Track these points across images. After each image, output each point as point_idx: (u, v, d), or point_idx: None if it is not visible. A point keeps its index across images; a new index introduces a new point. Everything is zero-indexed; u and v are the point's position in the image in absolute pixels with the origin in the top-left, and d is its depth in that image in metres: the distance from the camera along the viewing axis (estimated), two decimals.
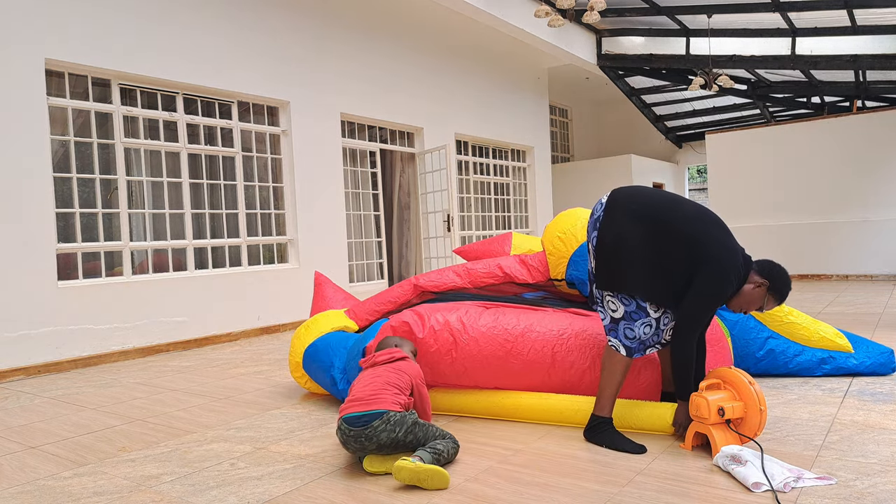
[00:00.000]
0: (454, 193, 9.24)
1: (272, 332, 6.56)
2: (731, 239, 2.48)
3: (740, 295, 2.49)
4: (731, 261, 2.41)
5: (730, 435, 2.36)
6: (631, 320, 2.52)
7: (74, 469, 2.59)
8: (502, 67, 10.41)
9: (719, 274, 2.39)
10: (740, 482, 2.10)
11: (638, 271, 2.47)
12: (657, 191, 2.61)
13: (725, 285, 2.40)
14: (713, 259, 2.40)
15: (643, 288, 2.47)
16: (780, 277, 2.45)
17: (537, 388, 3.01)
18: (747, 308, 2.50)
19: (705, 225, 2.46)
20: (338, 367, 3.24)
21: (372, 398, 2.36)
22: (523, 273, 3.38)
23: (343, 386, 3.23)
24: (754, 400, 2.34)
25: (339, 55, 7.47)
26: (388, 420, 2.28)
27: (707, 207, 2.60)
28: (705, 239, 2.43)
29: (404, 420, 2.32)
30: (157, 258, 5.97)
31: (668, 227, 2.46)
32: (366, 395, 2.38)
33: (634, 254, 2.48)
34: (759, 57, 9.86)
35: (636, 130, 15.89)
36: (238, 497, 2.20)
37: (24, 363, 4.77)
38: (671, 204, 2.52)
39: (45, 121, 4.94)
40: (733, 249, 2.44)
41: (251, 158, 6.74)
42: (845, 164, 9.45)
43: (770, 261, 2.49)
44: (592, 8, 7.56)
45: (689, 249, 2.43)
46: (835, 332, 3.57)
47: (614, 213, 2.54)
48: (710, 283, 2.39)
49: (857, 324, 5.20)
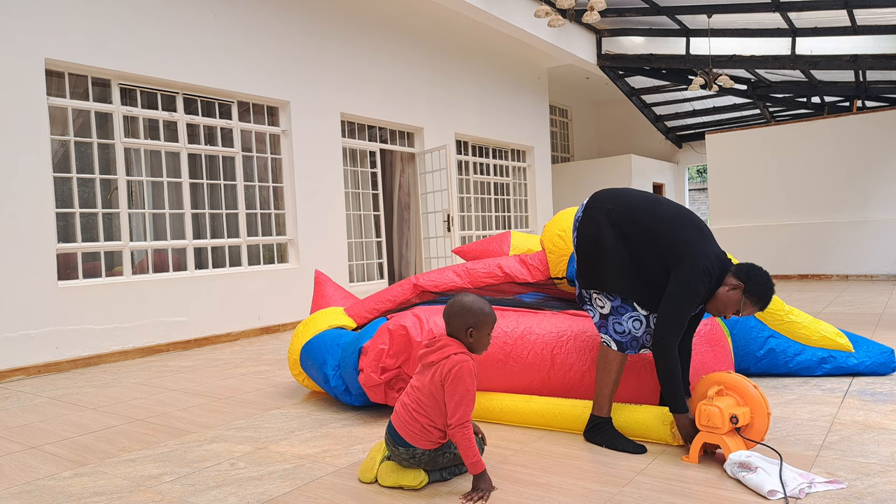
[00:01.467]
0: (454, 193, 9.24)
1: (272, 332, 6.55)
2: (705, 241, 2.44)
3: (715, 298, 2.43)
4: (700, 262, 2.37)
5: (742, 443, 2.28)
6: (618, 314, 2.53)
7: (74, 469, 2.59)
8: (502, 67, 10.41)
9: (687, 275, 2.36)
10: (753, 490, 2.05)
11: (616, 271, 2.49)
12: (637, 192, 2.61)
13: (695, 287, 2.35)
14: (682, 260, 2.38)
15: (621, 288, 2.48)
16: (758, 280, 2.36)
17: (537, 390, 3.01)
18: (724, 311, 2.43)
19: (677, 227, 2.44)
20: (330, 364, 3.23)
21: (409, 424, 2.17)
22: (523, 272, 3.38)
23: (335, 383, 3.21)
24: (761, 404, 2.28)
25: (339, 55, 7.47)
26: (413, 455, 2.18)
27: (688, 210, 2.54)
28: (676, 241, 2.41)
29: (432, 457, 2.20)
30: (156, 258, 5.97)
31: (643, 229, 2.47)
32: (406, 416, 2.18)
33: (611, 254, 2.50)
34: (759, 57, 9.86)
35: (636, 130, 15.89)
36: (238, 497, 2.20)
37: (24, 363, 4.77)
38: (647, 206, 2.52)
39: (45, 121, 4.94)
40: (704, 251, 2.39)
41: (251, 158, 6.74)
42: (845, 164, 9.45)
43: (750, 264, 2.41)
44: (592, 8, 7.56)
45: (661, 251, 2.43)
46: (835, 332, 3.57)
47: (592, 213, 2.59)
48: (679, 285, 2.36)
49: (858, 323, 5.20)
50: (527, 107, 10.98)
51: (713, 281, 2.40)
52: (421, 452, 2.18)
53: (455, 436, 2.08)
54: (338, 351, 3.25)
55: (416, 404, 2.17)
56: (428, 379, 2.16)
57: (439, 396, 2.13)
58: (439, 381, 2.13)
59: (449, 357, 2.13)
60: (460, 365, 2.10)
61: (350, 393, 3.22)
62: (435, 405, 2.14)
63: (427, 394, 2.15)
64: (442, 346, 2.17)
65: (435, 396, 2.14)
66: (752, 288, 2.36)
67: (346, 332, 3.40)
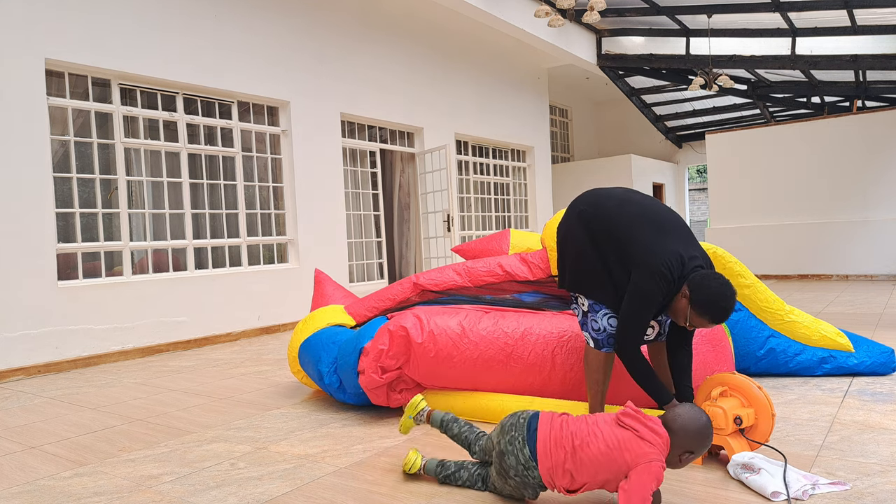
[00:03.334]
0: (454, 193, 9.24)
1: (272, 332, 6.55)
2: (663, 240, 2.32)
3: (673, 305, 2.30)
4: (649, 264, 2.26)
5: (746, 444, 2.28)
6: (594, 312, 2.52)
7: (74, 469, 2.59)
8: (502, 67, 10.41)
9: (638, 278, 2.29)
10: (756, 491, 2.04)
11: (585, 272, 2.49)
12: (616, 192, 2.56)
13: (647, 289, 2.25)
14: (637, 263, 2.31)
15: (592, 290, 2.48)
16: (704, 291, 2.16)
17: (538, 390, 3.01)
18: (678, 319, 2.29)
19: (634, 227, 2.38)
20: (325, 361, 3.23)
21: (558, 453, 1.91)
22: (524, 270, 3.37)
23: (329, 380, 3.20)
24: (765, 405, 2.26)
25: (339, 55, 7.47)
26: (520, 469, 1.97)
27: (658, 207, 2.46)
28: (631, 242, 2.35)
29: (516, 484, 2.01)
30: (156, 258, 5.97)
31: (606, 230, 2.44)
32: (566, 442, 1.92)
33: (578, 255, 2.51)
34: (759, 57, 9.86)
35: (636, 130, 15.89)
36: (238, 497, 2.20)
37: (24, 363, 4.77)
38: (615, 206, 2.48)
39: (45, 121, 4.94)
40: (657, 252, 2.28)
41: (251, 158, 6.74)
42: (845, 164, 9.45)
43: (706, 273, 2.22)
44: (592, 8, 7.56)
45: (620, 252, 2.39)
46: (835, 332, 3.57)
47: (568, 213, 2.61)
48: (632, 287, 2.31)
49: (858, 323, 5.20)
50: (527, 107, 10.98)
51: (674, 282, 2.27)
52: (533, 476, 1.94)
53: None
54: (334, 348, 3.24)
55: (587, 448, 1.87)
56: (619, 440, 1.86)
57: (607, 463, 1.84)
58: (628, 450, 1.83)
59: (654, 451, 1.83)
60: (658, 467, 1.81)
61: (345, 391, 3.21)
62: (598, 462, 1.85)
63: (605, 449, 1.85)
64: (655, 431, 1.86)
65: (610, 457, 1.84)
66: (698, 299, 2.18)
67: (343, 330, 3.40)
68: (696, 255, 2.33)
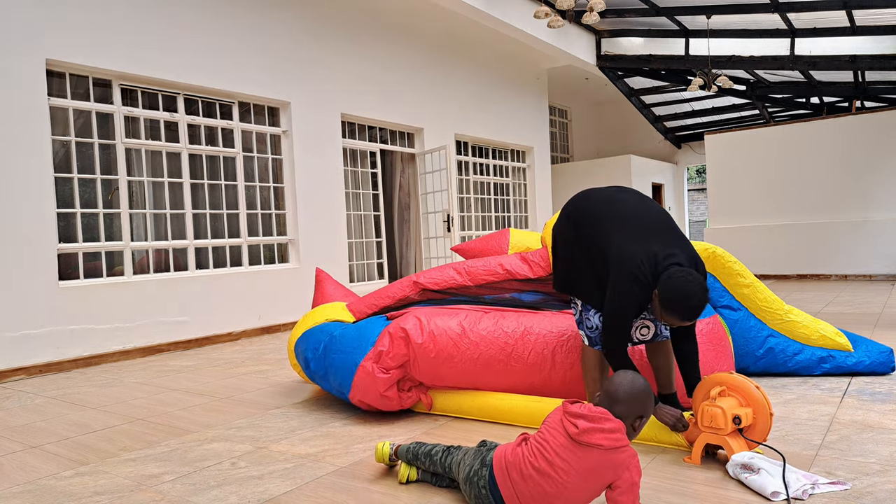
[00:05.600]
0: (454, 193, 9.24)
1: (273, 331, 6.56)
2: (637, 239, 2.31)
3: (652, 303, 2.30)
4: (625, 266, 2.26)
5: (745, 444, 2.28)
6: (587, 310, 2.54)
7: (75, 468, 2.59)
8: (502, 68, 10.42)
9: (614, 279, 2.30)
10: (756, 491, 2.04)
11: (575, 273, 2.50)
12: (602, 194, 2.56)
13: (623, 290, 2.26)
14: (613, 264, 2.32)
15: (581, 290, 2.49)
16: (671, 290, 2.16)
17: (539, 390, 3.02)
18: (658, 318, 2.29)
19: (615, 228, 2.37)
20: (311, 348, 3.24)
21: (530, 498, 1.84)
22: (524, 269, 3.38)
23: (315, 366, 3.20)
24: (763, 405, 2.26)
25: (340, 55, 7.48)
26: None
27: (649, 209, 2.46)
28: (609, 245, 2.35)
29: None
30: (157, 258, 5.97)
31: (590, 231, 2.45)
32: (533, 490, 1.83)
33: (566, 256, 2.53)
34: (759, 57, 9.87)
35: (635, 131, 15.90)
36: (239, 496, 2.21)
37: (25, 363, 4.78)
38: (599, 208, 2.48)
39: (46, 121, 4.94)
40: (629, 252, 2.28)
41: (252, 159, 6.75)
42: (845, 164, 9.46)
43: (673, 272, 2.21)
44: (592, 9, 7.57)
45: (603, 254, 2.39)
46: (834, 331, 3.57)
47: (561, 216, 2.63)
48: (611, 289, 2.32)
49: (857, 323, 5.21)
50: (526, 107, 10.99)
51: (650, 281, 2.26)
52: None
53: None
54: (326, 337, 3.24)
55: (554, 487, 1.79)
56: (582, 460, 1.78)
57: (592, 483, 1.78)
58: (607, 467, 1.77)
59: (625, 449, 1.79)
60: (636, 459, 1.80)
61: (328, 381, 3.19)
62: (581, 488, 1.79)
63: (576, 475, 1.78)
64: (613, 429, 1.80)
65: (587, 481, 1.78)
66: (662, 296, 2.19)
67: (338, 324, 3.37)
68: (674, 252, 2.30)
